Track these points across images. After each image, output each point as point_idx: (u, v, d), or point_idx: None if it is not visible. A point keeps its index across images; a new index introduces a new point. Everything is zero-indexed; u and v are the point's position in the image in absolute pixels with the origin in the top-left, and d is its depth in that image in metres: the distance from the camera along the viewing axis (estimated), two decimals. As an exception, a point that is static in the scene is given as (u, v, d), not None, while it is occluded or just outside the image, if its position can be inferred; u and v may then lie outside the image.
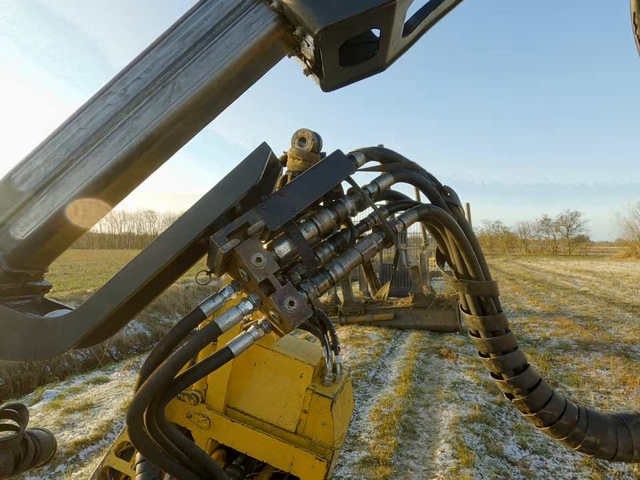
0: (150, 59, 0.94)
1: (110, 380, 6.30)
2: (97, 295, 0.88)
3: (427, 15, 1.05)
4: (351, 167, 0.99)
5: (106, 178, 0.94)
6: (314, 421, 1.54)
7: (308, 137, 1.17)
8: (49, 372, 8.29)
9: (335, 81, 1.12)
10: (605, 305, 12.14)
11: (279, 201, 0.92)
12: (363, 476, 3.46)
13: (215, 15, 0.94)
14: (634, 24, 1.01)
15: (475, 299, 1.28)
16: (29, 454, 1.19)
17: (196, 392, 1.60)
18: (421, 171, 1.15)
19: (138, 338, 11.22)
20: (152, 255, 0.88)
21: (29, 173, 0.94)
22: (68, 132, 0.94)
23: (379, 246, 1.04)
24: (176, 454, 1.00)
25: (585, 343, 7.61)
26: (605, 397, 5.14)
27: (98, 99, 0.94)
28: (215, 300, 0.93)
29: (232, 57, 0.95)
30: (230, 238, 0.87)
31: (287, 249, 0.94)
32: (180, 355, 0.88)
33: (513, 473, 3.49)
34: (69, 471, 3.59)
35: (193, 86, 0.94)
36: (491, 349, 1.25)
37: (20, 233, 0.94)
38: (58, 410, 4.90)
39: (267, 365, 1.66)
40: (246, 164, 0.91)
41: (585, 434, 1.17)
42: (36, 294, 1.07)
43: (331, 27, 0.89)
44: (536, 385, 1.22)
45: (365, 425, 4.45)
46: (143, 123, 0.93)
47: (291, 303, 0.86)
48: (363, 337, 8.20)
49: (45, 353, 0.90)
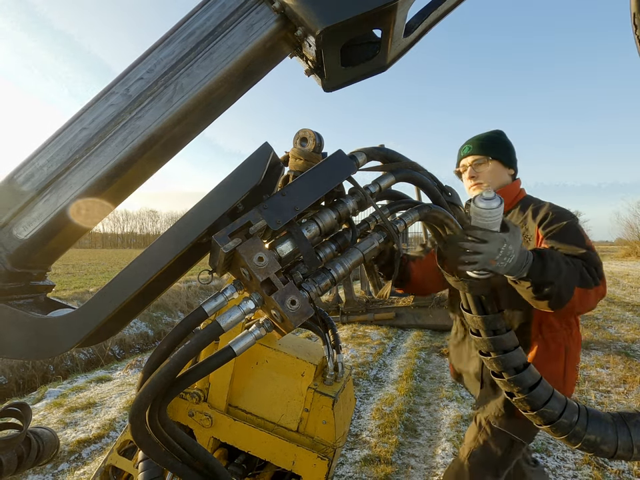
0: (152, 59, 0.95)
1: (112, 379, 6.31)
2: (100, 295, 0.89)
3: (428, 16, 1.05)
4: (352, 167, 0.99)
5: (108, 178, 0.94)
6: (315, 419, 1.55)
7: (309, 137, 1.17)
8: (51, 371, 8.31)
9: (337, 81, 1.13)
10: (605, 304, 12.12)
11: (281, 201, 0.92)
12: (364, 474, 3.47)
13: (217, 15, 0.94)
14: (634, 24, 1.01)
15: (476, 298, 1.29)
16: (32, 452, 1.20)
17: (198, 391, 1.61)
18: (422, 170, 1.15)
19: (140, 337, 11.24)
20: (154, 255, 0.89)
21: (32, 172, 0.94)
22: (71, 132, 0.95)
23: (380, 245, 1.04)
24: (178, 452, 1.00)
25: (585, 342, 7.60)
26: (605, 395, 5.14)
27: (100, 99, 0.95)
28: (217, 299, 0.93)
29: (234, 57, 0.95)
30: (232, 237, 0.87)
31: (289, 248, 0.94)
32: (182, 353, 0.89)
33: (513, 472, 3.50)
34: (71, 469, 3.60)
35: (195, 86, 0.94)
36: (492, 348, 1.25)
37: (23, 233, 0.94)
38: (61, 408, 4.91)
39: (269, 364, 1.66)
40: (248, 164, 0.92)
41: (585, 432, 1.18)
42: (39, 293, 1.07)
43: (333, 27, 0.89)
44: (536, 383, 1.23)
45: (366, 423, 4.46)
46: (146, 123, 0.94)
47: (292, 302, 0.87)
48: (364, 336, 8.21)
49: (48, 352, 0.90)
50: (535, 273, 1.31)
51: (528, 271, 1.30)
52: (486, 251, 1.14)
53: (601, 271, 1.54)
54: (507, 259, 1.18)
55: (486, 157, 1.97)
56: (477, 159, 1.98)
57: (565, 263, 1.44)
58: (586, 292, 1.46)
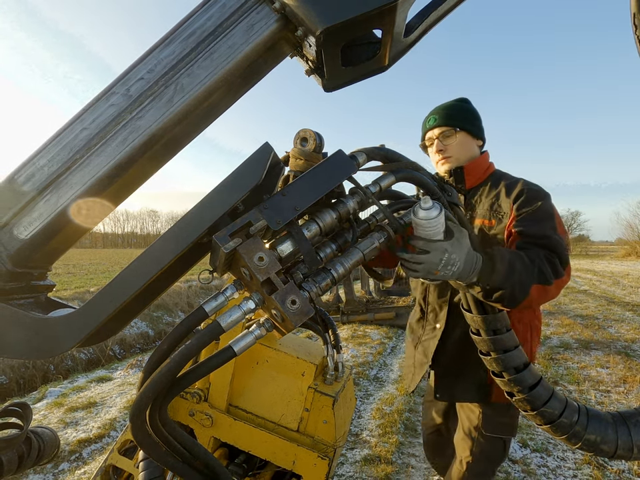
0: (153, 59, 0.95)
1: (113, 378, 6.31)
2: (100, 294, 0.89)
3: (428, 16, 1.05)
4: (352, 167, 0.99)
5: (109, 178, 0.95)
6: (316, 419, 1.55)
7: (310, 137, 1.17)
8: (52, 370, 8.31)
9: (337, 81, 1.13)
10: (605, 303, 12.12)
11: (281, 201, 0.92)
12: (364, 474, 3.47)
13: (218, 15, 0.95)
14: (634, 25, 1.01)
15: (476, 298, 1.29)
16: (33, 452, 1.20)
17: (198, 390, 1.61)
18: (422, 170, 1.16)
19: (141, 337, 11.24)
20: (155, 255, 0.89)
21: (33, 172, 0.94)
22: (71, 132, 0.95)
23: (380, 245, 1.04)
24: (178, 452, 1.00)
25: (586, 342, 7.61)
26: (605, 395, 5.14)
27: (101, 99, 0.95)
28: (218, 299, 0.94)
29: (234, 57, 0.95)
30: (232, 237, 0.87)
31: (289, 248, 0.94)
32: (182, 353, 0.89)
33: (513, 471, 3.50)
34: (72, 469, 3.61)
35: (196, 86, 0.94)
36: (492, 348, 1.25)
37: (24, 233, 0.94)
38: (61, 408, 4.92)
39: (269, 364, 1.66)
40: (248, 164, 0.92)
41: (585, 432, 1.18)
42: (39, 293, 1.07)
43: (333, 27, 0.89)
44: (536, 383, 1.23)
45: (367, 423, 4.46)
46: (146, 123, 0.94)
47: (292, 301, 0.87)
48: (364, 336, 8.20)
49: (49, 351, 0.91)
50: (484, 277, 1.24)
51: (477, 275, 1.23)
52: (426, 261, 1.11)
53: (565, 257, 1.48)
54: (452, 267, 1.14)
55: (453, 128, 1.83)
56: (444, 130, 1.84)
57: (521, 261, 1.36)
58: (544, 288, 1.39)
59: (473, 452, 1.87)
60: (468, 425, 1.91)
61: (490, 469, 1.90)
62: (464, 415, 1.93)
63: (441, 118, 1.85)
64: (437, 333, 1.93)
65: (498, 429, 1.85)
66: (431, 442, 2.23)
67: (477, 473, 1.88)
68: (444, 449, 2.20)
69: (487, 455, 1.87)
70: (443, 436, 2.19)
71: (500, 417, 1.84)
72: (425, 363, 1.96)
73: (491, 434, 1.85)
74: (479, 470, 1.87)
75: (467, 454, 1.88)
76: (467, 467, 1.88)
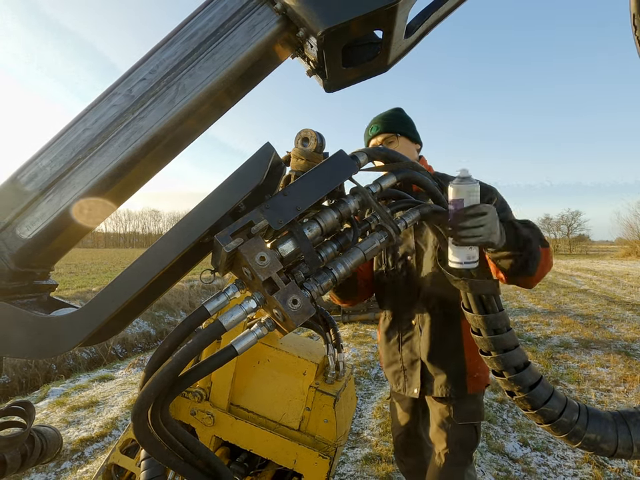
0: (155, 60, 0.95)
1: (115, 378, 6.33)
2: (102, 294, 0.89)
3: (428, 17, 1.05)
4: (353, 167, 1.00)
5: (111, 178, 0.95)
6: (317, 418, 1.55)
7: (311, 137, 1.18)
8: (54, 370, 8.32)
9: (338, 82, 1.13)
10: (605, 303, 12.10)
11: (282, 201, 0.93)
12: (365, 473, 3.47)
13: (219, 16, 0.95)
14: (634, 25, 1.01)
15: (477, 298, 1.29)
16: (35, 451, 1.21)
17: (200, 389, 1.61)
18: (422, 170, 1.16)
19: (142, 336, 11.25)
20: (156, 254, 0.89)
21: (35, 172, 0.95)
22: (74, 132, 0.95)
23: (381, 245, 1.04)
24: (180, 451, 1.01)
25: (586, 341, 7.60)
26: (605, 394, 5.13)
27: (103, 100, 0.95)
28: (219, 298, 0.94)
29: (236, 58, 0.95)
30: (234, 237, 0.88)
31: (290, 248, 0.95)
32: (184, 352, 0.89)
33: (514, 470, 3.50)
34: (74, 467, 3.62)
35: (197, 87, 0.95)
36: (492, 347, 1.25)
37: (26, 232, 0.95)
38: (63, 407, 4.93)
39: (271, 363, 1.67)
40: (250, 164, 0.92)
41: (585, 431, 1.18)
42: (42, 292, 1.08)
43: (334, 28, 0.89)
44: (537, 382, 1.23)
45: (368, 422, 4.47)
46: (148, 123, 0.94)
47: (294, 301, 0.87)
48: (365, 335, 8.21)
49: (51, 351, 0.91)
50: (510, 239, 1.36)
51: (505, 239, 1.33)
52: (488, 221, 1.16)
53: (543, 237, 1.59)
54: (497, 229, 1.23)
55: (394, 134, 1.95)
56: (386, 137, 1.95)
57: (525, 226, 1.47)
58: (547, 251, 1.51)
59: (448, 442, 1.91)
60: (440, 417, 1.95)
61: (467, 456, 1.95)
62: (436, 409, 1.97)
63: (382, 125, 1.97)
64: (415, 329, 1.97)
65: (469, 416, 1.91)
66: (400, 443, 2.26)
67: (457, 463, 1.92)
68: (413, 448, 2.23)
69: (462, 443, 1.92)
70: (411, 436, 2.21)
71: (469, 405, 1.90)
72: (415, 359, 1.98)
73: (463, 422, 1.90)
74: (457, 460, 1.92)
75: (444, 446, 1.92)
76: (446, 459, 1.92)
